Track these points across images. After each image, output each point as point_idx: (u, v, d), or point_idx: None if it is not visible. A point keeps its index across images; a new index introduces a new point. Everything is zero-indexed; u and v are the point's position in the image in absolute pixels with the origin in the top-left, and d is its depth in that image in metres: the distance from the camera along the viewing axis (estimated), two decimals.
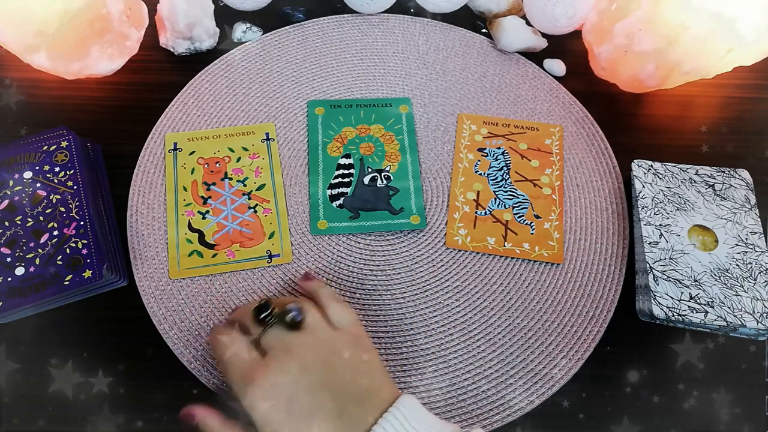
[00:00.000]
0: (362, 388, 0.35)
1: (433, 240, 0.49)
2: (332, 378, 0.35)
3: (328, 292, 0.41)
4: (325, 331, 0.37)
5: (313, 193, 0.50)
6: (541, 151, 0.53)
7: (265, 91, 0.56)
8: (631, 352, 0.45)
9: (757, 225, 0.46)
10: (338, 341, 0.37)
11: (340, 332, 0.38)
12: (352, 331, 0.38)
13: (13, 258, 0.42)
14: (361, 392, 0.35)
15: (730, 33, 0.48)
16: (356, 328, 0.38)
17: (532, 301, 0.46)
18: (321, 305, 0.40)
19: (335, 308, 0.39)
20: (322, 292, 0.41)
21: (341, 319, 0.39)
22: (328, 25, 0.61)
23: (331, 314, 0.39)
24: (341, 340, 0.37)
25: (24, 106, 0.54)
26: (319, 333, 0.37)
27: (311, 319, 0.37)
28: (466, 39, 0.60)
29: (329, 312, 0.39)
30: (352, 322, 0.39)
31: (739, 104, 0.58)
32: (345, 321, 0.39)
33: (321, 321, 0.38)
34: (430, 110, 0.56)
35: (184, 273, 0.46)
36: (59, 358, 0.43)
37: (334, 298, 0.40)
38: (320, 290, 0.41)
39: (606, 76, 0.56)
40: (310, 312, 0.38)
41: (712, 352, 0.45)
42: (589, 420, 0.42)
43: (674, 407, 0.43)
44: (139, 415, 0.41)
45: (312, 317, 0.38)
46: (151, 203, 0.49)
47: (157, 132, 0.53)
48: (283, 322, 0.37)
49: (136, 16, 0.54)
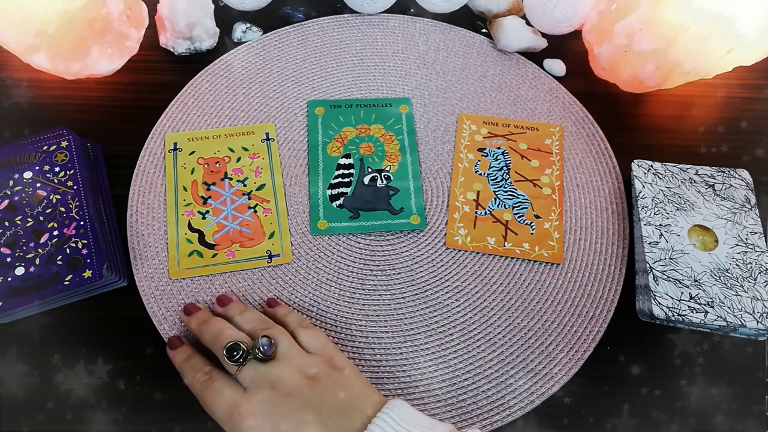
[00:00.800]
0: (345, 401, 0.36)
1: (433, 240, 0.49)
2: (314, 398, 0.36)
3: (295, 319, 0.42)
4: (299, 358, 0.38)
5: (313, 193, 0.50)
6: (541, 151, 0.53)
7: (265, 91, 0.56)
8: (631, 352, 0.45)
9: (757, 225, 0.46)
10: (314, 366, 0.38)
11: (313, 356, 0.39)
12: (326, 353, 0.39)
13: (13, 258, 0.42)
14: (344, 405, 0.36)
15: (730, 33, 0.48)
16: (329, 350, 0.39)
17: (532, 301, 0.46)
18: (290, 332, 0.40)
19: (305, 335, 0.40)
20: (290, 319, 0.42)
21: (312, 343, 0.40)
22: (328, 25, 0.61)
23: (303, 341, 0.40)
24: (316, 364, 0.38)
25: (24, 106, 0.54)
26: (292, 361, 0.38)
27: (284, 348, 0.38)
28: (466, 39, 0.60)
29: (300, 339, 0.40)
30: (323, 345, 0.40)
31: (739, 104, 0.58)
32: (316, 344, 0.40)
33: (293, 347, 0.39)
34: (430, 110, 0.56)
35: (184, 273, 0.46)
36: (59, 358, 0.43)
37: (301, 324, 0.41)
38: (287, 317, 0.42)
39: (606, 76, 0.56)
40: (281, 340, 0.39)
41: (712, 352, 0.45)
42: (589, 420, 0.42)
43: (674, 407, 0.43)
44: (139, 416, 0.41)
45: (284, 345, 0.38)
46: (151, 203, 0.49)
47: (157, 132, 0.53)
48: (257, 357, 0.37)
49: (136, 16, 0.54)
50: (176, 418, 0.41)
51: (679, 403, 0.43)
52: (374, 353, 0.44)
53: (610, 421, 0.42)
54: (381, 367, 0.43)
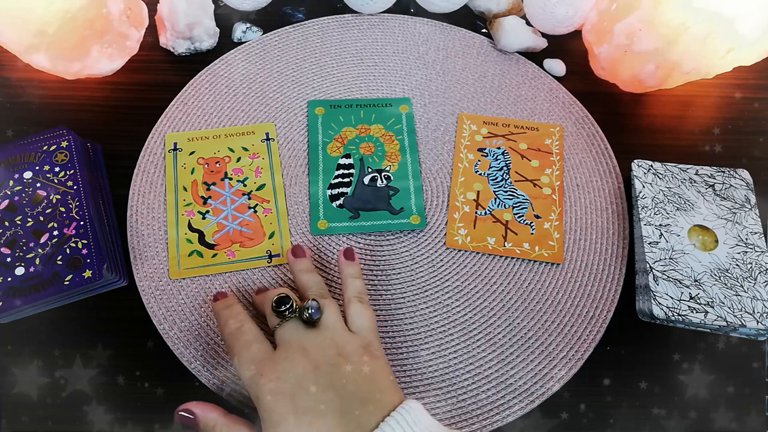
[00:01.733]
0: (367, 392, 0.35)
1: (433, 240, 0.49)
2: (339, 379, 0.35)
3: (357, 288, 0.41)
4: (339, 333, 0.37)
5: (313, 193, 0.50)
6: (541, 151, 0.53)
7: (265, 91, 0.56)
8: (631, 352, 0.45)
9: (757, 225, 0.46)
10: (350, 345, 0.37)
11: (353, 336, 0.37)
12: (367, 337, 0.38)
13: (13, 258, 0.42)
14: (365, 395, 0.35)
15: (730, 33, 0.48)
16: (370, 334, 0.38)
17: (532, 301, 0.46)
18: (345, 298, 0.40)
19: (357, 309, 0.39)
20: (352, 285, 0.41)
21: (359, 323, 0.39)
22: (328, 25, 0.61)
23: (351, 314, 0.39)
24: (353, 345, 0.37)
25: (24, 106, 0.54)
26: (332, 334, 0.37)
27: (328, 318, 0.37)
28: (466, 39, 0.60)
29: (349, 311, 0.39)
30: (368, 329, 0.39)
31: (739, 104, 0.58)
32: (362, 326, 0.39)
33: (337, 321, 0.38)
34: (430, 110, 0.56)
35: (184, 273, 0.46)
36: (59, 358, 0.43)
37: (360, 297, 0.40)
38: (351, 282, 0.41)
39: (606, 76, 0.56)
40: (328, 311, 0.38)
41: (711, 351, 0.45)
42: (589, 420, 0.42)
43: (674, 407, 0.43)
44: (139, 416, 0.41)
45: (328, 316, 0.38)
46: (151, 203, 0.49)
47: (157, 132, 0.53)
48: (301, 318, 0.37)
49: (136, 16, 0.54)
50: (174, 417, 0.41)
51: (679, 403, 0.43)
52: None
53: (610, 421, 0.42)
54: None
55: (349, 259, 0.43)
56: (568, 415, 0.42)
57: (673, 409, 0.43)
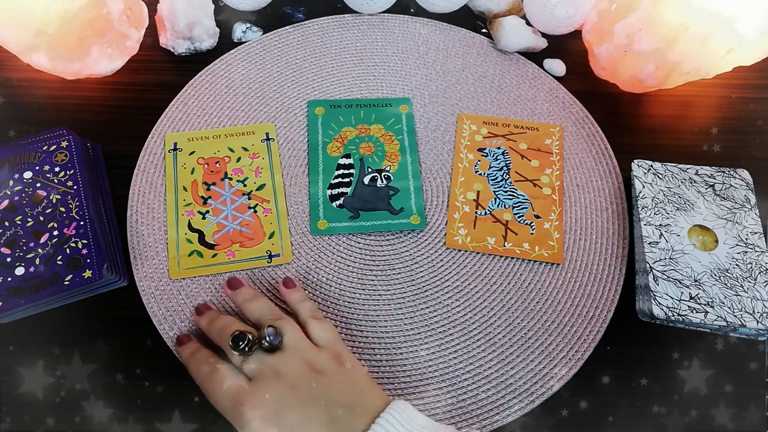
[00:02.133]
0: (351, 398, 0.35)
1: (433, 240, 0.49)
2: (319, 392, 0.35)
3: (308, 308, 0.41)
4: (306, 351, 0.37)
5: (313, 193, 0.50)
6: (541, 151, 0.53)
7: (265, 91, 0.56)
8: (631, 352, 0.45)
9: (757, 225, 0.46)
10: (321, 359, 0.37)
11: (322, 350, 0.38)
12: (334, 349, 0.38)
13: (13, 258, 0.42)
14: (350, 401, 0.35)
15: (730, 33, 0.48)
16: (337, 346, 0.39)
17: (532, 301, 0.46)
18: (301, 322, 0.40)
19: (316, 327, 0.40)
20: (303, 307, 0.41)
21: (322, 336, 0.39)
22: (328, 25, 0.60)
23: (313, 333, 0.39)
24: (324, 358, 0.37)
25: (24, 106, 0.54)
26: (300, 352, 0.37)
27: (290, 338, 0.38)
28: (466, 39, 0.60)
29: (310, 330, 0.39)
30: (332, 340, 0.39)
31: (739, 104, 0.58)
32: (326, 339, 0.39)
33: (300, 339, 0.38)
34: (430, 110, 0.56)
35: (184, 273, 0.46)
36: (59, 358, 0.43)
37: (313, 315, 0.41)
38: (300, 305, 0.42)
39: (606, 76, 0.56)
40: (288, 331, 0.38)
41: (711, 351, 0.45)
42: (589, 420, 0.42)
43: (674, 406, 0.43)
44: (139, 416, 0.41)
45: (290, 336, 0.38)
46: (151, 203, 0.49)
47: (157, 132, 0.53)
48: (262, 347, 0.37)
49: (136, 16, 0.54)
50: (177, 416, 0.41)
51: (679, 403, 0.43)
52: (374, 353, 0.44)
53: (610, 420, 0.42)
54: (381, 367, 0.43)
55: (290, 287, 0.43)
56: (568, 414, 0.42)
57: (672, 409, 0.43)
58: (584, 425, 0.42)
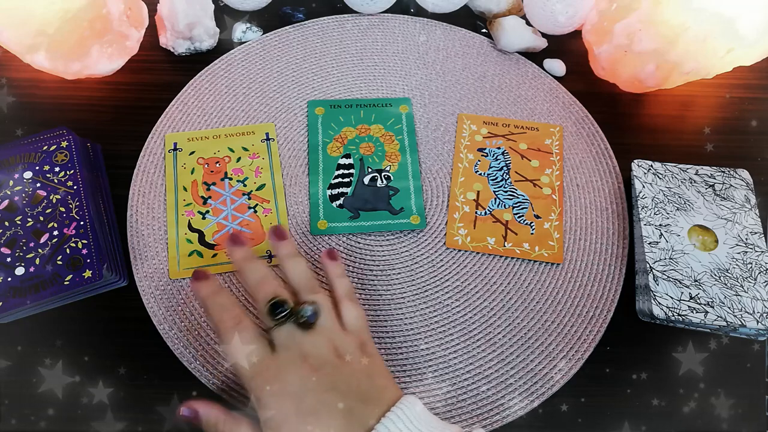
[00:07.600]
0: (367, 390, 0.35)
1: (433, 240, 0.49)
2: (339, 379, 0.35)
3: (345, 286, 0.41)
4: (336, 334, 0.37)
5: (313, 193, 0.50)
6: (541, 151, 0.53)
7: (265, 91, 0.56)
8: (631, 352, 0.45)
9: (757, 225, 0.46)
10: (347, 345, 0.37)
11: (349, 335, 0.38)
12: (361, 337, 0.38)
13: (13, 258, 0.42)
14: (366, 393, 0.35)
15: (730, 33, 0.48)
16: (364, 333, 0.39)
17: (532, 301, 0.46)
18: (335, 298, 0.40)
19: (349, 309, 0.39)
20: (340, 284, 0.41)
21: (352, 322, 0.39)
22: (328, 25, 0.61)
23: (344, 313, 0.39)
24: (350, 344, 0.37)
25: (24, 106, 0.54)
26: (329, 335, 0.37)
27: (324, 320, 0.37)
28: (466, 39, 0.60)
29: (343, 310, 0.39)
30: (361, 327, 0.39)
31: (739, 104, 0.58)
32: (355, 324, 0.39)
33: (333, 322, 0.38)
34: (430, 110, 0.56)
35: (184, 273, 0.46)
36: (59, 359, 0.43)
37: (349, 296, 0.40)
38: (338, 281, 0.41)
39: (606, 76, 0.56)
40: (324, 312, 0.38)
41: (712, 352, 0.45)
42: (589, 420, 0.42)
43: (674, 407, 0.43)
44: (139, 416, 0.41)
45: (325, 318, 0.37)
46: (151, 203, 0.49)
47: (157, 132, 0.53)
48: (296, 321, 0.37)
49: (136, 16, 0.54)
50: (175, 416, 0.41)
51: (679, 403, 0.43)
52: None
53: (610, 421, 0.42)
54: None
55: (333, 259, 0.43)
56: (568, 415, 0.42)
57: (672, 409, 0.43)
58: (584, 425, 0.42)
